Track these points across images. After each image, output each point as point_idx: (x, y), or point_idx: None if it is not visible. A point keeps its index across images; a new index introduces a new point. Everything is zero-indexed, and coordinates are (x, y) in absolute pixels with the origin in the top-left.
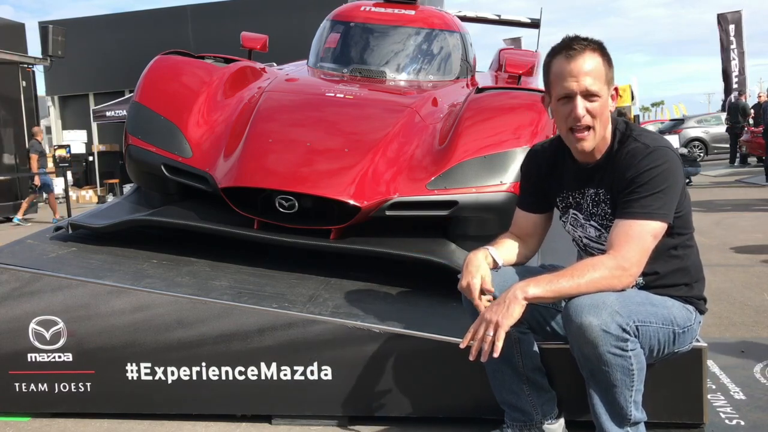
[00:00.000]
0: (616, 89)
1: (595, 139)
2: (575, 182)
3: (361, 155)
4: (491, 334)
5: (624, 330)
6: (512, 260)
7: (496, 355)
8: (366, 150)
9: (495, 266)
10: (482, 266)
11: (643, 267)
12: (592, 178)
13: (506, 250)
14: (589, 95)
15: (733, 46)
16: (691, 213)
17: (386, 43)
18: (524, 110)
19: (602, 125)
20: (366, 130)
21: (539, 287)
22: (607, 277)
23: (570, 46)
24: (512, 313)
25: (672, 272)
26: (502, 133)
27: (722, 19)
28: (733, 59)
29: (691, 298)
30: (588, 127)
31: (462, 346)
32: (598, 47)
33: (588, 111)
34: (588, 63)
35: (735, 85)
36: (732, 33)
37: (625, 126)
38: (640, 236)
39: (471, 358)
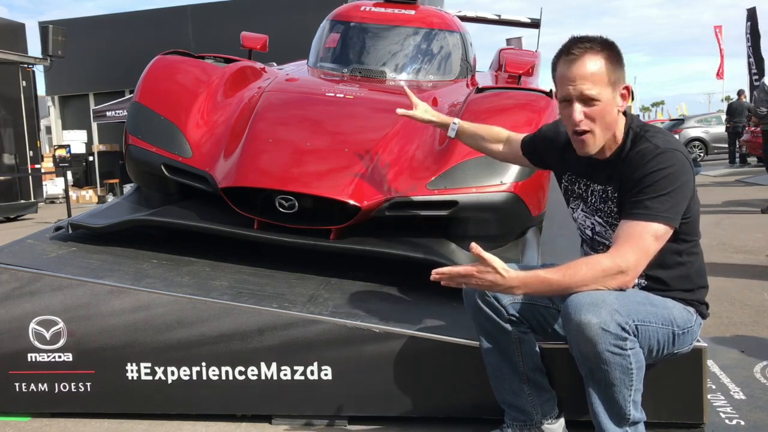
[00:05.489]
0: (627, 88)
1: (596, 143)
2: (583, 172)
3: (360, 155)
4: (462, 282)
5: (623, 329)
6: (476, 137)
7: (435, 277)
8: (366, 150)
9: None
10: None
11: (642, 268)
12: (601, 174)
13: (477, 129)
14: (586, 100)
15: (749, 44)
16: (698, 220)
17: (386, 43)
18: (524, 110)
19: (604, 128)
20: (366, 130)
21: (527, 274)
22: (598, 274)
23: (569, 50)
24: (487, 284)
25: (674, 279)
26: None
27: (751, 15)
28: (750, 57)
29: (692, 302)
30: (586, 131)
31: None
32: (602, 48)
33: (586, 115)
34: (587, 67)
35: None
36: (747, 31)
37: (640, 126)
38: (640, 237)
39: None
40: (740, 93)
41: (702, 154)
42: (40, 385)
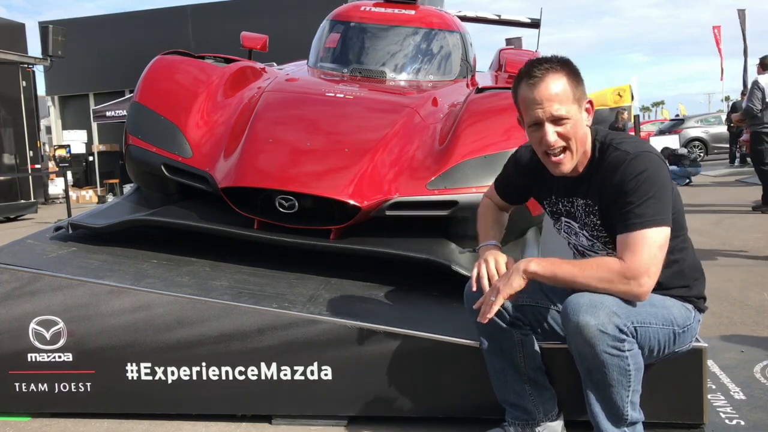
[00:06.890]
0: (590, 102)
1: (573, 159)
2: (563, 191)
3: (360, 155)
4: (493, 298)
5: (621, 330)
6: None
7: (489, 315)
8: (366, 150)
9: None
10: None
11: (654, 277)
12: (579, 189)
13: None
14: (556, 120)
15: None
16: (683, 214)
17: (386, 43)
18: None
19: (578, 143)
20: (366, 130)
21: (540, 265)
22: (605, 278)
23: (530, 73)
24: (512, 282)
25: (670, 278)
26: (501, 132)
27: (740, 16)
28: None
29: (690, 298)
30: (563, 149)
31: (474, 307)
32: (561, 66)
33: (559, 135)
34: (552, 87)
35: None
36: (742, 31)
37: (604, 136)
38: (644, 245)
39: (477, 319)
40: (744, 93)
41: (702, 154)
42: (40, 385)
